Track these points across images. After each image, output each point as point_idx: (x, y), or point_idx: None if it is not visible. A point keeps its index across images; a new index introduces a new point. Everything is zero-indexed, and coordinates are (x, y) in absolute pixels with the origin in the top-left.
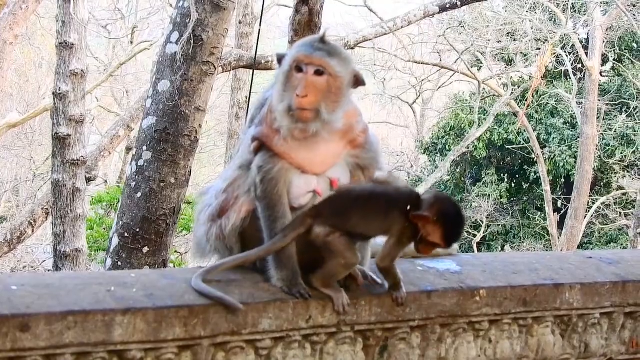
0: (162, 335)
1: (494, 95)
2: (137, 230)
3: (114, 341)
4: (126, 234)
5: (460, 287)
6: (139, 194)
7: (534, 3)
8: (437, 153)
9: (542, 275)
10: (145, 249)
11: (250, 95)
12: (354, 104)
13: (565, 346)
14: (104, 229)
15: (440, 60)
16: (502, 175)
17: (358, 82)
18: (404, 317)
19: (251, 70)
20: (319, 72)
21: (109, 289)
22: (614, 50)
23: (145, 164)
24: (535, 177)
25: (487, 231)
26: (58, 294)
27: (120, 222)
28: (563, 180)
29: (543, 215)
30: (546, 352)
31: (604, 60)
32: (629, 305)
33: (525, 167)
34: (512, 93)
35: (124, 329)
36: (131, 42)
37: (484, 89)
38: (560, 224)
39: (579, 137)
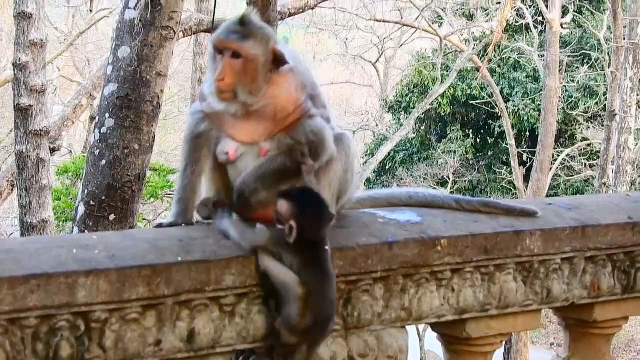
0: (126, 296)
1: (456, 51)
2: (103, 198)
3: (78, 303)
4: (92, 202)
5: (422, 237)
6: (103, 162)
7: None
8: (401, 111)
9: (502, 224)
10: (112, 217)
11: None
12: (293, 86)
13: (527, 292)
14: (71, 199)
15: (402, 18)
16: (467, 131)
17: (278, 60)
18: (366, 269)
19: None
20: (235, 55)
21: (71, 252)
22: (573, 2)
23: (108, 132)
24: (500, 131)
25: (453, 187)
26: (20, 258)
27: (86, 191)
28: (528, 133)
29: (509, 169)
30: (509, 299)
31: (564, 12)
32: (589, 249)
33: (490, 122)
34: (474, 48)
35: (87, 291)
36: (90, 11)
37: (445, 45)
38: (526, 178)
39: (542, 90)
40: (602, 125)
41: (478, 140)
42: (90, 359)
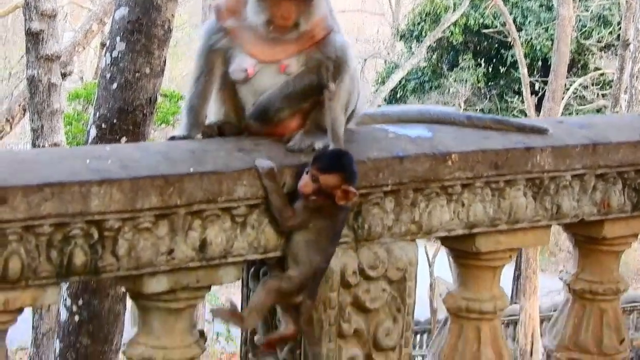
0: (139, 205)
1: None
2: (114, 121)
3: (91, 211)
4: (103, 125)
5: (433, 152)
6: (115, 85)
7: None
8: (413, 39)
9: (513, 140)
10: (124, 140)
11: None
12: (322, 2)
13: (537, 208)
14: (83, 124)
15: None
16: (479, 59)
17: None
18: (376, 182)
19: None
20: None
21: (85, 162)
22: None
23: (119, 55)
24: (512, 60)
25: None
26: (34, 168)
27: (97, 114)
28: (540, 63)
29: (520, 98)
30: (518, 215)
31: None
32: (599, 167)
33: (502, 51)
34: None
35: (100, 200)
36: None
37: None
38: (538, 107)
39: (555, 19)
40: (616, 55)
41: (490, 69)
42: (103, 266)
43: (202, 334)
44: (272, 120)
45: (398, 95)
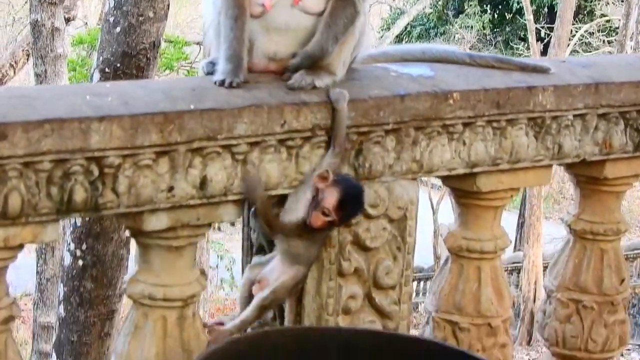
0: (139, 142)
1: None
2: (118, 65)
3: (92, 148)
4: (107, 70)
5: (434, 90)
6: (118, 29)
7: None
8: None
9: (515, 79)
10: None
11: None
12: None
13: (539, 147)
14: (86, 69)
15: None
16: (484, 6)
17: None
18: (377, 120)
19: None
20: None
21: (85, 98)
22: None
23: None
24: (519, 7)
25: None
26: (34, 104)
27: (101, 58)
28: (546, 9)
29: (526, 45)
30: (520, 154)
31: None
32: (601, 106)
33: None
34: None
35: (100, 136)
36: None
37: None
38: (544, 53)
39: None
40: (622, 1)
41: (496, 16)
42: (103, 203)
43: (202, 272)
44: (319, 63)
45: (403, 41)
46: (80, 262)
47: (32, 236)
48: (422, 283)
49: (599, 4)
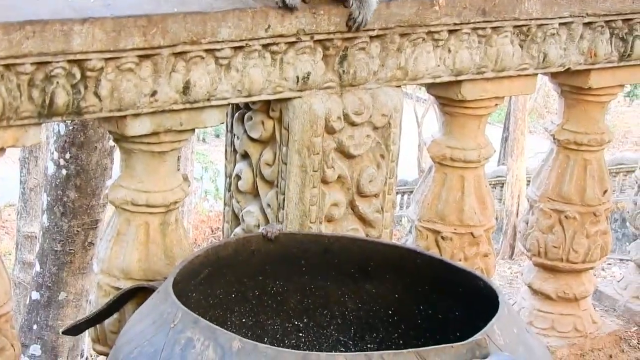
0: (121, 45)
1: None
2: None
3: (73, 50)
4: None
5: None
6: None
7: None
8: None
9: None
10: None
11: None
12: None
13: (524, 56)
14: None
15: None
16: None
17: None
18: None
19: None
20: None
21: (67, 0)
22: None
23: None
24: None
25: None
26: (15, 5)
27: None
28: None
29: None
30: (505, 62)
31: None
32: (587, 15)
33: None
34: None
35: (82, 39)
36: None
37: None
38: None
39: None
40: None
41: None
42: (85, 107)
43: (185, 178)
44: None
45: None
46: (64, 172)
47: (13, 140)
48: (405, 196)
49: None
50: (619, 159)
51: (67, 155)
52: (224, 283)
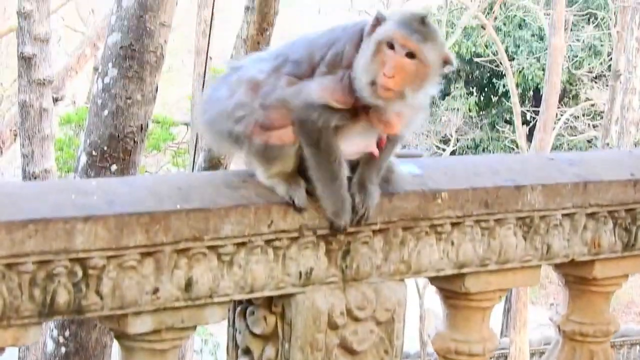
0: (124, 242)
1: (462, 8)
2: (105, 148)
3: (76, 249)
4: (94, 152)
5: (422, 189)
6: (106, 112)
7: None
8: None
9: (503, 177)
10: (114, 167)
11: (213, 12)
12: None
13: (527, 248)
14: (74, 149)
15: None
16: (470, 88)
17: (447, 64)
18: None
19: None
20: (410, 55)
21: (70, 197)
22: None
23: (111, 81)
24: (504, 90)
25: (456, 145)
26: (18, 202)
27: (88, 141)
28: (532, 92)
29: (512, 128)
30: (508, 254)
31: None
32: (590, 205)
33: (494, 80)
34: (479, 5)
35: (85, 237)
36: None
37: (451, 1)
38: (529, 137)
39: (547, 49)
40: (607, 86)
41: (482, 98)
42: (87, 305)
43: None
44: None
45: None
46: (63, 349)
47: (13, 339)
48: None
49: (583, 87)
50: (622, 332)
51: (67, 333)
52: None
